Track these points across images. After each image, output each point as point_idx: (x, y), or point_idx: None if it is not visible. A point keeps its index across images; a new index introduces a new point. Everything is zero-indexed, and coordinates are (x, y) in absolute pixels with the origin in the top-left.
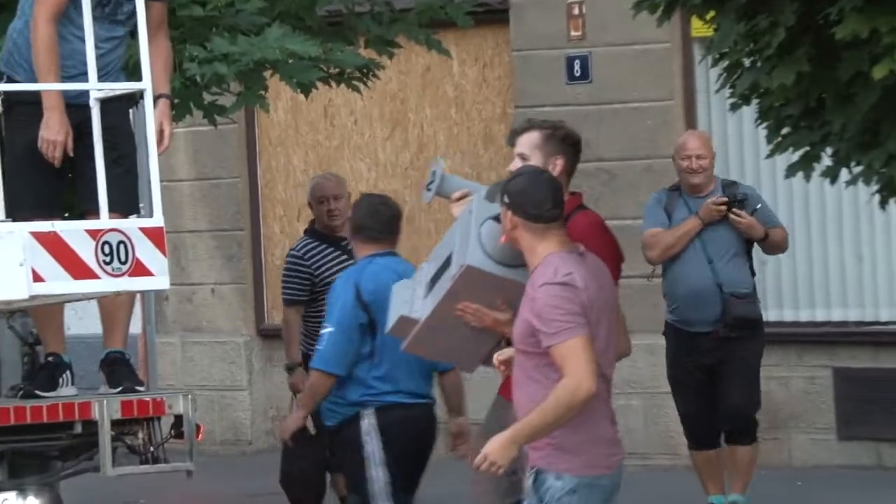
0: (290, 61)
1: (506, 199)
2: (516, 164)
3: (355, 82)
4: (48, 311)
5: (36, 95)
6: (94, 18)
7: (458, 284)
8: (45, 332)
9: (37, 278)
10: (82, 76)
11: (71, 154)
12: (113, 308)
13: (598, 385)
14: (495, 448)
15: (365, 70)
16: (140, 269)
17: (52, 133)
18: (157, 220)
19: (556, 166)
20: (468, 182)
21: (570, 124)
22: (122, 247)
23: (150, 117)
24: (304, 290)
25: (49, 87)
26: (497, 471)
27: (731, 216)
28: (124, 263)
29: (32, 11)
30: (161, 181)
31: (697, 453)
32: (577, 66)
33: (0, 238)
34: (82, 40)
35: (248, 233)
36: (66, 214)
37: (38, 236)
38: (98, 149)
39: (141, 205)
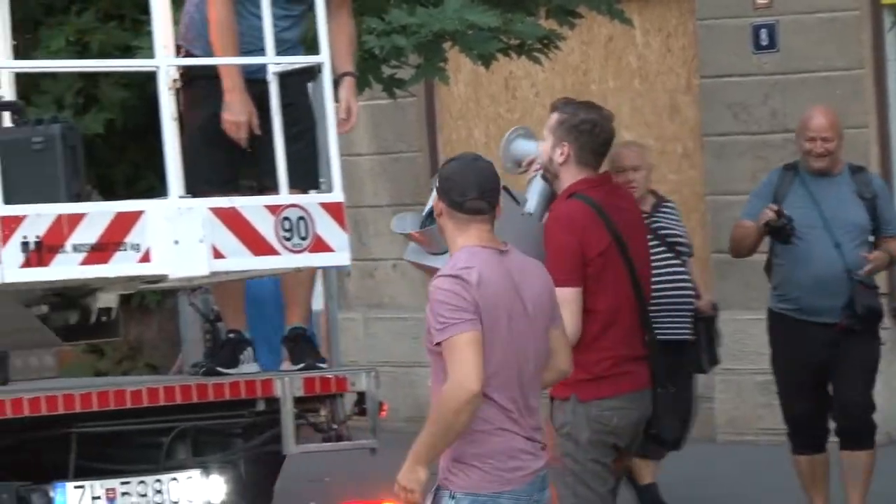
0: (470, 32)
1: (436, 183)
2: (541, 144)
3: (536, 54)
4: (228, 287)
5: (213, 70)
6: None
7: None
8: (225, 309)
9: (217, 255)
10: (259, 52)
11: (257, 132)
12: (294, 284)
13: (483, 385)
14: (402, 474)
15: (546, 41)
16: (320, 245)
17: (235, 114)
18: (338, 195)
19: (563, 153)
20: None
21: (753, 94)
22: (301, 222)
23: (329, 91)
24: None
25: (226, 61)
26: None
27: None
28: (304, 239)
29: None
30: (341, 156)
31: (802, 458)
32: (763, 35)
33: (180, 214)
34: (259, 17)
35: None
36: (246, 189)
37: (218, 212)
38: (277, 124)
39: (321, 180)
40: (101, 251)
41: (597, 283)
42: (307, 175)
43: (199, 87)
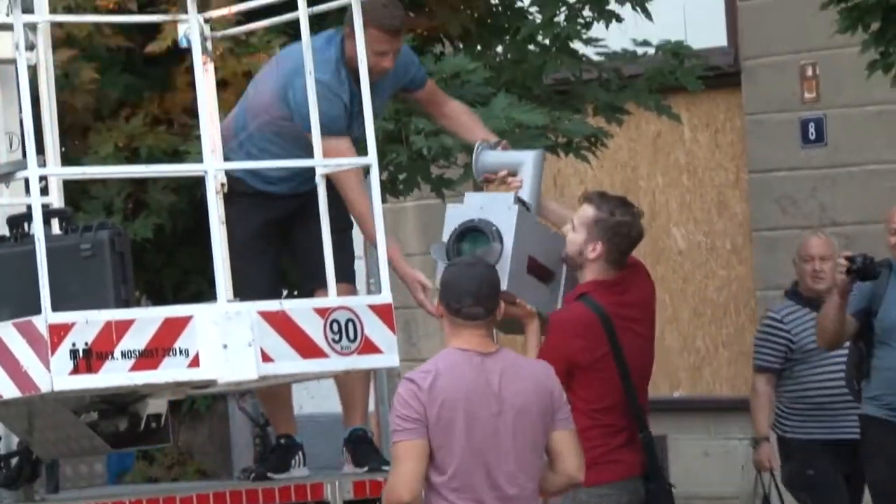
0: (518, 131)
1: (437, 286)
2: (567, 227)
3: (584, 151)
4: (277, 391)
5: (255, 186)
6: None
7: None
8: (274, 413)
9: (265, 358)
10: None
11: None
12: (351, 385)
13: (415, 496)
14: None
15: (593, 138)
16: (369, 347)
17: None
18: (386, 296)
19: (595, 251)
20: (508, 155)
21: (801, 187)
22: (350, 324)
23: (377, 192)
24: (778, 357)
25: (276, 164)
26: None
27: None
28: (353, 341)
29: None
30: None
31: None
32: (811, 129)
33: (228, 319)
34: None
35: None
36: (294, 292)
37: (267, 316)
38: (325, 227)
39: (370, 280)
40: (150, 357)
41: (588, 380)
42: (344, 270)
43: (243, 194)
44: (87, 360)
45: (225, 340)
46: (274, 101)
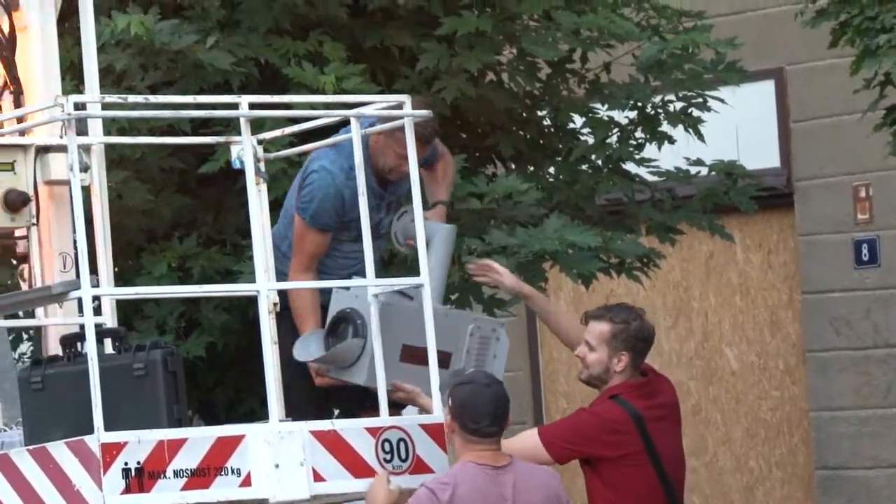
0: (570, 252)
1: (449, 403)
2: (582, 349)
3: (636, 272)
4: None
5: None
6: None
7: None
8: None
9: (317, 478)
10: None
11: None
12: None
13: None
14: None
15: (646, 259)
16: (421, 467)
17: None
18: (438, 416)
19: (621, 362)
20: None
21: (855, 308)
22: (402, 444)
23: (430, 314)
24: None
25: (327, 284)
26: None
27: None
28: (405, 461)
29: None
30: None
31: None
32: (864, 250)
33: (281, 438)
34: (346, 257)
35: (531, 425)
36: (338, 412)
37: (318, 435)
38: (377, 347)
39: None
40: (202, 476)
41: (621, 475)
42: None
43: (288, 316)
44: (140, 479)
45: (277, 460)
46: (293, 196)
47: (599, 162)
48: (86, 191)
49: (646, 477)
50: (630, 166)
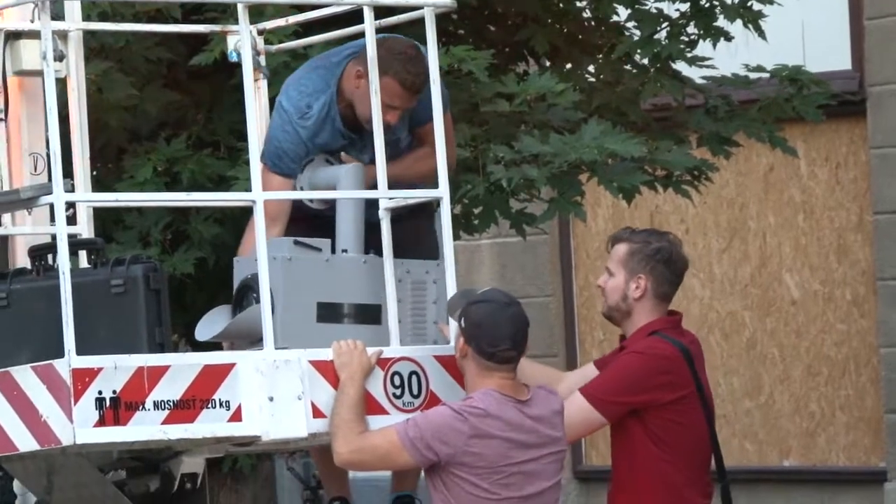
0: (610, 162)
1: (462, 324)
2: (603, 277)
3: (686, 186)
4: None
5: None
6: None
7: None
8: (327, 474)
9: (317, 414)
10: None
11: None
12: None
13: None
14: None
15: (697, 172)
16: (435, 403)
17: None
18: (453, 346)
19: (639, 287)
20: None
21: None
22: (414, 378)
23: (448, 229)
24: None
25: (335, 194)
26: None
27: None
28: (416, 397)
29: None
30: None
31: None
32: None
33: (276, 368)
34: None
35: (563, 359)
36: None
37: (319, 365)
38: (389, 269)
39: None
40: (186, 409)
41: (672, 423)
42: None
43: (299, 220)
44: (115, 410)
45: (271, 392)
46: None
47: (646, 61)
48: (61, 83)
49: (698, 429)
50: (681, 66)
